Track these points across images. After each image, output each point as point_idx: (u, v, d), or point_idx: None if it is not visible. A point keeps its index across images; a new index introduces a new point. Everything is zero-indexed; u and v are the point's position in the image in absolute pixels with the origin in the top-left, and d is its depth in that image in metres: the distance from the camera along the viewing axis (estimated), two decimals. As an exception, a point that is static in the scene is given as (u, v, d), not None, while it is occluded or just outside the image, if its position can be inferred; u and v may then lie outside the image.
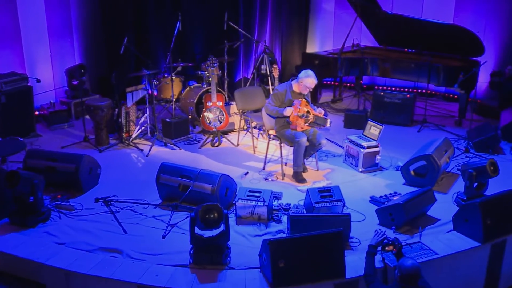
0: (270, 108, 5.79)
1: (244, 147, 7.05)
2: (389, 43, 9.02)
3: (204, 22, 9.13)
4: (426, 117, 7.96)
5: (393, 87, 10.02)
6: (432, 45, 8.23)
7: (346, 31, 9.18)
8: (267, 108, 5.82)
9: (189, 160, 6.50)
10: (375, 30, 8.95)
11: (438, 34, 7.99)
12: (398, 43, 8.89)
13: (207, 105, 6.93)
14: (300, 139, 5.69)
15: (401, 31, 8.43)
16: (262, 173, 6.14)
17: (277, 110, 5.75)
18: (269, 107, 5.80)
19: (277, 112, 5.75)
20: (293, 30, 10.17)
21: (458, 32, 7.76)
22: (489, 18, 8.75)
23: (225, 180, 5.06)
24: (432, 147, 5.72)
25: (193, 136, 7.37)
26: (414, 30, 8.21)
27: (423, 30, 8.09)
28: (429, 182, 5.57)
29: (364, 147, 6.10)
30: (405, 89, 9.69)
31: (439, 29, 7.93)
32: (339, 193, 4.93)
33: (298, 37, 10.24)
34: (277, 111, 5.74)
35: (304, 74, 5.77)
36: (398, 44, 8.91)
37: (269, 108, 5.80)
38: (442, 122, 8.17)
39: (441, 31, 7.94)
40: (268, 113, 5.89)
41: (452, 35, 7.86)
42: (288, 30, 10.14)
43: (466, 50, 8.01)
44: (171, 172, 5.18)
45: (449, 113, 8.73)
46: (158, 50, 8.93)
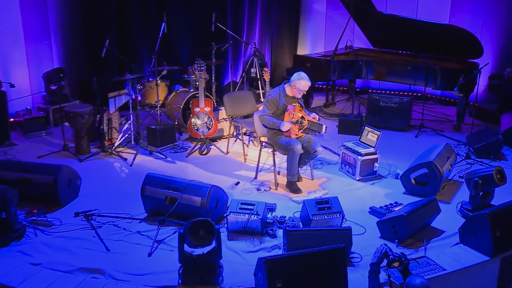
0: (267, 119, 5.55)
1: (234, 155, 6.82)
2: (383, 45, 8.89)
3: (190, 23, 8.92)
4: (423, 122, 7.80)
5: (387, 90, 9.89)
6: (429, 47, 8.11)
7: (338, 32, 9.01)
8: (263, 119, 5.58)
9: (176, 170, 6.26)
10: (369, 31, 8.81)
11: (435, 35, 7.86)
12: (393, 45, 8.76)
13: (194, 111, 6.69)
14: (294, 147, 5.47)
15: (396, 32, 8.29)
16: (254, 183, 5.91)
17: (274, 122, 5.51)
18: (266, 117, 5.56)
19: (273, 124, 5.51)
20: (284, 32, 10.02)
21: (455, 33, 7.64)
22: (486, 18, 8.65)
23: (215, 191, 4.82)
24: (433, 153, 5.54)
25: (180, 144, 7.13)
26: (410, 31, 8.07)
27: (419, 31, 7.96)
28: (431, 191, 5.39)
29: (361, 154, 5.91)
30: (400, 93, 9.58)
31: (436, 29, 7.80)
32: (337, 204, 4.72)
33: (288, 39, 10.09)
34: (274, 123, 5.51)
35: (296, 76, 5.57)
36: (393, 46, 8.78)
37: (266, 119, 5.55)
38: (440, 126, 8.04)
39: (438, 32, 7.81)
40: (264, 124, 5.64)
41: (449, 36, 7.73)
42: (278, 32, 9.98)
43: (464, 52, 7.89)
44: (157, 184, 4.93)
45: (447, 117, 8.61)
46: (142, 53, 8.69)
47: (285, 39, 10.06)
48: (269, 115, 5.58)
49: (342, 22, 9.58)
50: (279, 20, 9.92)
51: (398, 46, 8.69)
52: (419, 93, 9.59)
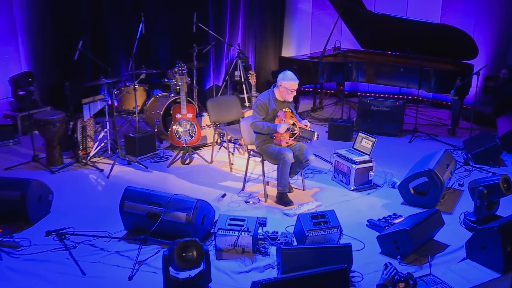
0: (259, 125, 5.28)
1: (219, 164, 6.55)
2: (373, 46, 8.73)
3: (169, 24, 8.64)
4: (416, 126, 7.65)
5: (376, 93, 9.75)
6: (421, 48, 7.95)
7: (325, 33, 8.84)
8: (256, 126, 5.31)
9: (157, 181, 5.97)
10: (358, 31, 8.63)
11: (428, 35, 7.72)
12: (383, 46, 8.60)
13: (176, 118, 6.40)
14: (285, 156, 5.23)
15: (387, 32, 8.13)
16: (242, 194, 5.65)
17: (268, 126, 5.25)
18: (258, 123, 5.29)
19: (268, 129, 5.25)
20: (268, 33, 9.81)
21: (449, 33, 7.50)
22: (478, 18, 8.56)
23: (201, 206, 4.54)
24: (433, 161, 5.36)
25: (160, 153, 6.84)
26: (402, 31, 7.92)
27: (411, 31, 7.81)
28: (432, 201, 5.21)
29: (356, 163, 5.70)
30: (390, 96, 9.44)
31: (429, 29, 7.66)
32: (334, 218, 4.49)
33: (273, 40, 9.88)
34: (269, 127, 5.25)
35: (282, 76, 5.33)
36: (383, 47, 8.62)
37: (259, 125, 5.28)
38: (434, 131, 7.91)
39: (431, 32, 7.66)
40: (257, 130, 5.37)
41: (443, 36, 7.59)
42: (262, 33, 9.76)
43: (458, 53, 7.76)
44: (137, 199, 4.63)
45: (440, 121, 8.49)
46: (118, 56, 8.37)
47: (269, 40, 9.84)
48: (260, 120, 5.33)
49: (329, 22, 9.43)
50: (263, 20, 9.70)
51: (388, 47, 8.54)
52: (410, 96, 9.46)
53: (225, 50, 9.23)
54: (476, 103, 8.40)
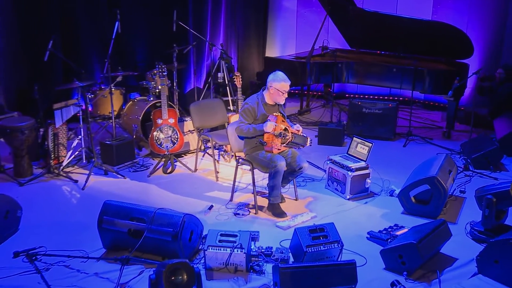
0: (244, 128, 5.03)
1: (204, 173, 6.27)
2: (362, 45, 8.56)
3: (147, 22, 8.34)
4: (411, 129, 7.48)
5: (365, 94, 9.59)
6: (413, 46, 7.79)
7: (310, 32, 8.69)
8: (240, 130, 5.06)
9: (137, 192, 5.67)
10: (347, 30, 8.46)
11: (421, 33, 7.57)
12: (373, 45, 8.43)
13: (156, 123, 6.10)
14: (278, 164, 4.97)
15: (377, 30, 7.96)
16: (230, 205, 5.38)
17: (254, 128, 5.01)
18: (243, 127, 5.04)
19: (254, 131, 5.00)
20: (251, 32, 9.59)
21: (444, 31, 7.36)
22: (472, 16, 8.46)
23: (188, 221, 4.26)
24: (434, 167, 5.16)
25: (140, 161, 6.53)
26: (393, 29, 7.76)
27: (403, 29, 7.65)
28: (435, 210, 5.02)
29: (351, 170, 5.48)
30: (380, 97, 9.30)
31: (422, 27, 7.52)
32: (334, 232, 4.25)
33: (256, 39, 9.65)
34: (254, 129, 5.00)
35: (272, 77, 5.10)
36: (373, 46, 8.46)
37: (243, 128, 5.03)
38: (428, 134, 7.77)
39: (424, 30, 7.51)
40: (242, 135, 5.12)
41: (437, 34, 7.45)
42: (245, 32, 9.53)
43: (453, 52, 7.62)
44: (117, 214, 4.33)
45: (434, 123, 8.36)
46: (92, 57, 8.05)
47: (252, 40, 9.61)
48: (246, 125, 5.08)
49: (315, 21, 9.28)
50: (245, 19, 9.46)
51: (378, 46, 8.37)
52: (401, 97, 9.34)
53: (206, 51, 8.96)
54: (465, 104, 8.34)
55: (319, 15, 9.41)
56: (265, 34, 9.75)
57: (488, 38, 8.32)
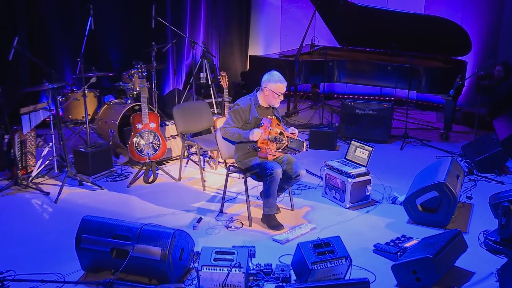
0: (229, 131, 4.75)
1: (189, 182, 5.97)
2: (353, 42, 8.34)
3: (122, 19, 7.96)
4: (407, 131, 7.30)
5: (354, 94, 9.40)
6: (407, 43, 7.60)
7: (296, 29, 8.51)
8: (225, 132, 4.78)
9: (116, 205, 5.34)
10: (337, 26, 8.23)
11: (415, 29, 7.39)
12: (364, 42, 8.23)
13: (136, 128, 5.75)
14: (274, 171, 4.69)
15: (369, 26, 7.76)
16: (221, 218, 5.07)
17: (239, 133, 4.73)
18: (228, 129, 4.76)
19: (239, 136, 4.73)
20: (233, 30, 9.33)
21: (440, 26, 7.19)
22: (466, 10, 8.32)
23: (179, 238, 3.94)
24: (441, 172, 4.95)
25: (118, 170, 6.18)
26: (386, 25, 7.56)
27: (396, 25, 7.47)
28: (444, 219, 4.81)
29: (352, 176, 5.23)
30: (371, 97, 9.13)
31: (417, 22, 7.35)
32: (341, 246, 3.98)
33: (238, 37, 9.39)
34: (240, 135, 4.72)
35: (267, 77, 4.81)
36: (364, 43, 8.25)
37: (228, 131, 4.76)
38: (424, 135, 7.60)
39: (419, 25, 7.34)
40: (226, 137, 4.85)
41: (432, 29, 7.28)
42: (227, 29, 9.26)
43: (449, 48, 7.44)
44: (98, 231, 3.98)
45: (429, 124, 8.20)
46: (62, 56, 7.69)
47: (235, 37, 9.34)
48: (232, 127, 4.79)
49: (301, 17, 9.09)
50: (227, 15, 9.19)
51: (370, 43, 8.17)
52: (392, 97, 9.17)
53: (186, 49, 8.64)
54: (461, 104, 8.19)
55: (305, 11, 9.19)
56: (247, 31, 9.48)
57: (483, 34, 8.19)
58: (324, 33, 8.75)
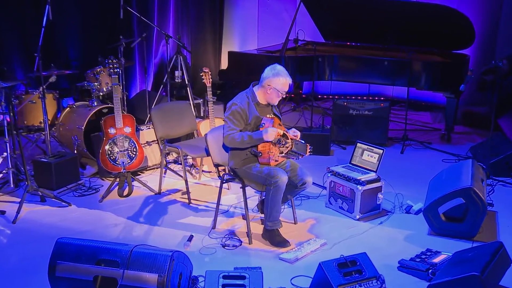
0: (237, 137, 4.32)
1: (170, 194, 5.52)
2: (340, 36, 8.03)
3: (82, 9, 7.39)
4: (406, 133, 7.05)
5: (340, 94, 9.13)
6: (402, 36, 7.34)
7: (275, 23, 8.27)
8: (232, 140, 4.34)
9: (89, 223, 4.86)
10: (323, 18, 7.91)
11: (413, 20, 7.11)
12: (352, 36, 7.93)
13: (108, 134, 5.26)
14: (279, 179, 4.29)
15: (361, 18, 7.46)
16: (214, 235, 4.64)
17: (249, 136, 4.31)
18: (235, 136, 4.32)
19: (250, 139, 4.31)
20: (205, 24, 8.92)
21: (442, 15, 6.94)
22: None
23: (178, 261, 3.49)
24: (465, 176, 4.66)
25: (86, 182, 5.65)
26: (379, 16, 7.29)
27: (391, 15, 7.21)
28: (471, 229, 4.52)
29: (362, 183, 4.89)
30: (358, 97, 8.89)
31: (415, 12, 7.09)
32: (370, 265, 3.63)
33: (212, 33, 9.03)
34: (250, 137, 4.31)
35: (271, 71, 4.43)
36: (353, 37, 7.96)
37: (236, 137, 4.32)
38: (424, 137, 7.38)
39: (417, 15, 7.07)
40: (235, 145, 4.40)
41: (433, 19, 7.01)
42: (199, 24, 8.84)
43: (450, 41, 7.22)
44: (77, 256, 3.48)
45: (426, 125, 7.99)
46: (12, 51, 7.03)
47: (207, 33, 8.95)
48: (237, 132, 4.37)
49: (280, 10, 8.87)
50: (199, 8, 8.78)
51: (361, 38, 7.87)
52: (382, 97, 8.95)
53: (153, 46, 8.16)
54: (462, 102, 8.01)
55: (285, 3, 8.90)
56: (221, 26, 9.10)
57: (481, 25, 7.98)
58: (306, 27, 8.42)
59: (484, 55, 7.98)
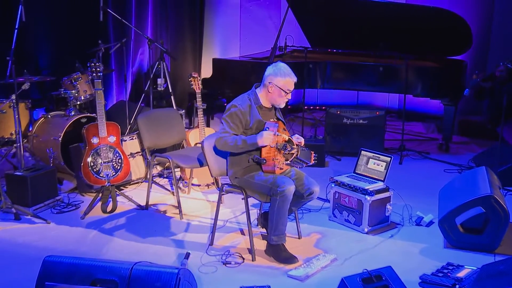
0: (229, 140, 4.06)
1: (159, 210, 5.20)
2: (328, 43, 7.83)
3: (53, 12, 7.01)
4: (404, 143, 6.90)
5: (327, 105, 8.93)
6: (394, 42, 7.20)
7: (258, 30, 8.19)
8: (224, 142, 4.08)
9: (73, 242, 4.51)
10: (312, 25, 7.72)
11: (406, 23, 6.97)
12: (342, 42, 7.74)
13: (91, 144, 4.91)
14: (286, 189, 4.03)
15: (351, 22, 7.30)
16: (213, 252, 4.34)
17: (243, 140, 4.05)
18: (227, 138, 4.07)
19: (244, 144, 4.05)
20: (185, 31, 8.65)
21: (437, 18, 6.82)
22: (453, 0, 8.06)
23: (184, 279, 3.18)
24: (482, 183, 4.49)
25: (64, 198, 5.29)
26: (372, 21, 7.14)
27: (382, 20, 7.05)
28: (492, 241, 4.32)
29: (370, 193, 4.66)
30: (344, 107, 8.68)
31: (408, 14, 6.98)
32: (396, 279, 3.39)
33: (191, 40, 8.75)
34: (244, 141, 4.05)
35: (273, 70, 4.19)
36: (342, 44, 7.76)
37: (228, 140, 4.06)
38: (420, 147, 7.24)
39: (411, 18, 6.94)
40: (225, 148, 4.14)
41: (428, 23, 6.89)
42: (178, 31, 8.58)
43: (445, 46, 7.11)
44: (69, 277, 3.14)
45: (420, 135, 7.88)
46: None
47: (187, 40, 8.66)
48: (232, 135, 4.11)
49: (264, 17, 8.73)
50: (178, 15, 8.51)
51: (349, 44, 7.68)
52: (372, 107, 8.80)
53: (131, 53, 7.84)
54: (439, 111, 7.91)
55: (269, 9, 8.73)
56: (201, 33, 8.85)
57: (473, 27, 7.92)
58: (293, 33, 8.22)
59: (477, 61, 7.91)
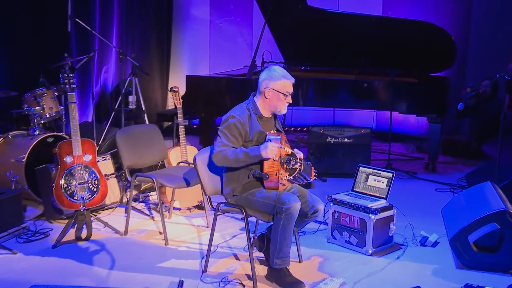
0: (230, 153, 3.77)
1: (139, 236, 4.84)
2: (306, 59, 7.66)
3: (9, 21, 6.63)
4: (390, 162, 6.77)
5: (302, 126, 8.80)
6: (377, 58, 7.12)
7: (228, 47, 8.16)
8: (223, 157, 3.78)
9: (46, 274, 4.07)
10: (288, 40, 7.54)
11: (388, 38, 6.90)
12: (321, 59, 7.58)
13: (64, 163, 4.53)
14: (292, 207, 3.75)
15: (332, 39, 7.17)
16: (208, 279, 4.01)
17: (245, 152, 3.77)
18: (227, 152, 3.78)
19: (246, 156, 3.77)
20: (151, 48, 8.36)
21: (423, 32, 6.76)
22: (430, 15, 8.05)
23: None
24: (493, 198, 4.35)
25: (31, 226, 4.85)
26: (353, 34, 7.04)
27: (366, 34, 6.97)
28: (508, 260, 4.14)
29: (374, 212, 4.44)
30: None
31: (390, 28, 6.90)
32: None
33: (159, 57, 8.42)
34: (246, 154, 3.77)
35: (268, 74, 3.96)
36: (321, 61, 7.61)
37: (228, 154, 3.77)
38: (405, 167, 7.13)
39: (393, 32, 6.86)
40: (224, 163, 3.86)
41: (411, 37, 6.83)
42: (144, 48, 8.31)
43: (429, 61, 7.05)
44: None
45: (402, 155, 7.79)
46: None
47: (154, 58, 8.38)
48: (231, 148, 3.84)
49: (234, 34, 8.66)
50: (145, 32, 8.24)
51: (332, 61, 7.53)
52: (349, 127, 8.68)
53: (95, 68, 7.48)
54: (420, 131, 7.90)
55: (240, 26, 8.55)
56: (168, 51, 8.60)
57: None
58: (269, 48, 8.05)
59: (454, 77, 7.91)
